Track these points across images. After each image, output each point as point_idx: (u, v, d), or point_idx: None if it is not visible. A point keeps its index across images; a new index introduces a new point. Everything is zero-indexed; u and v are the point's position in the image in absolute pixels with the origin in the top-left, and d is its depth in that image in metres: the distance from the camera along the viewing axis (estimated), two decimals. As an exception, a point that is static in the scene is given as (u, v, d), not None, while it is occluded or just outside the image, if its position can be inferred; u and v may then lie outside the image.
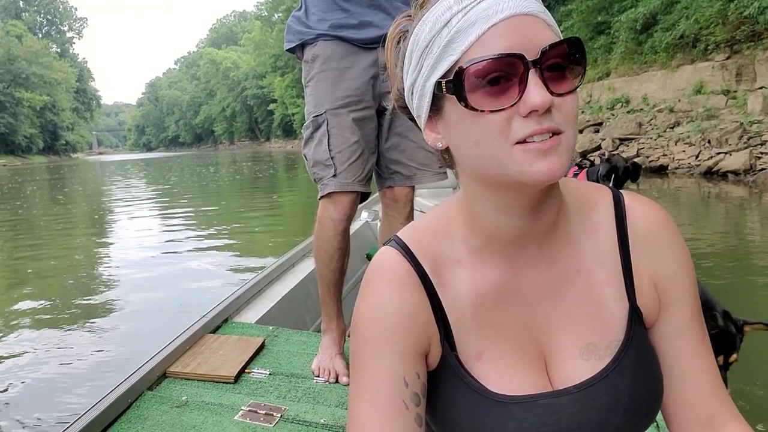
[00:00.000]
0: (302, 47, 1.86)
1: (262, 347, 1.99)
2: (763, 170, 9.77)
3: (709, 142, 11.37)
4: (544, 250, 0.67)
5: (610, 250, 0.69)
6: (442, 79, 0.58)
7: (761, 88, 12.11)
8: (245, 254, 6.65)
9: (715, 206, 8.30)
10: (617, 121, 14.79)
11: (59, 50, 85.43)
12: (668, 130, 13.15)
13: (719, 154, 10.86)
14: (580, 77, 0.58)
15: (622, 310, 0.68)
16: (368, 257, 3.51)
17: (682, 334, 0.69)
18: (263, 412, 1.56)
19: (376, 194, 2.14)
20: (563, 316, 0.68)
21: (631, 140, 13.75)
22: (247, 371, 1.83)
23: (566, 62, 0.57)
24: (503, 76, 0.55)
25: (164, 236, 8.19)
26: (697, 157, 11.36)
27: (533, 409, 0.64)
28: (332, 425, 1.51)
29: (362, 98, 1.81)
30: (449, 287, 0.68)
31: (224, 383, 1.75)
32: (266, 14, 72.91)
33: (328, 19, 1.79)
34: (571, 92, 0.57)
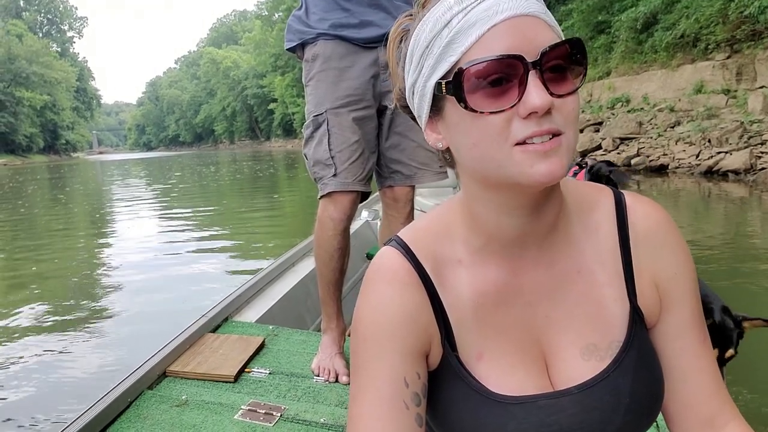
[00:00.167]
0: (302, 46, 1.86)
1: (262, 346, 1.99)
2: (763, 169, 9.76)
3: (709, 141, 11.37)
4: (544, 250, 0.67)
5: (610, 250, 0.69)
6: (442, 79, 0.58)
7: (761, 87, 12.10)
8: (245, 253, 6.65)
9: (715, 206, 8.29)
10: (617, 120, 14.79)
11: (59, 49, 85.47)
12: (668, 129, 13.14)
13: (719, 153, 10.85)
14: (581, 78, 0.58)
15: (622, 310, 0.68)
16: (368, 257, 3.51)
17: (683, 334, 0.69)
18: (263, 411, 1.56)
19: (376, 193, 2.14)
20: (564, 316, 0.68)
21: (631, 139, 13.74)
22: (247, 370, 1.83)
23: (567, 63, 0.56)
24: (503, 77, 0.55)
25: (164, 235, 8.20)
26: (697, 156, 11.35)
27: (533, 409, 0.64)
28: (332, 425, 1.51)
29: (362, 98, 1.81)
30: (450, 287, 0.68)
31: (224, 382, 1.75)
32: (266, 14, 72.93)
33: (328, 18, 1.78)
34: (571, 93, 0.56)
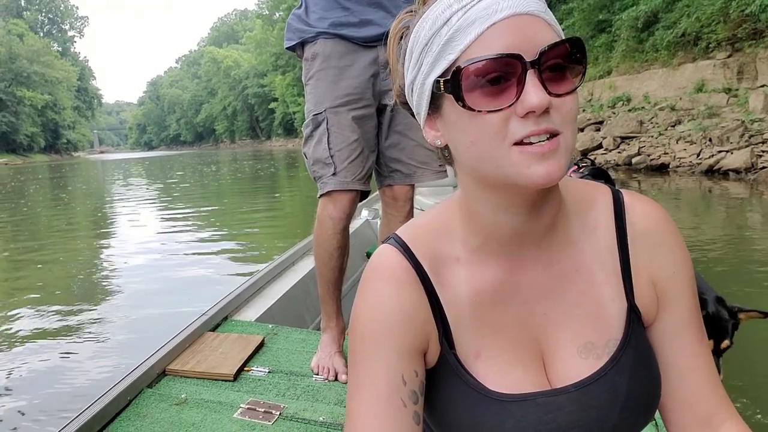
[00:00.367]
0: (302, 45, 1.86)
1: (261, 345, 1.99)
2: (764, 168, 9.76)
3: (710, 140, 11.36)
4: (542, 249, 0.67)
5: (608, 249, 0.69)
6: (440, 77, 0.58)
7: (762, 86, 12.09)
8: (246, 253, 6.65)
9: (716, 205, 8.28)
10: (618, 119, 14.78)
11: (60, 49, 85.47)
12: (669, 128, 13.13)
13: (720, 152, 10.85)
14: (580, 77, 0.57)
15: (620, 308, 0.67)
16: (368, 256, 3.51)
17: (680, 333, 0.69)
18: (262, 409, 1.56)
19: (377, 192, 2.14)
20: (562, 315, 0.68)
21: (632, 138, 13.74)
22: (246, 369, 1.83)
23: (566, 62, 0.56)
24: (501, 76, 0.54)
25: (165, 235, 8.20)
26: (698, 155, 11.35)
27: (531, 407, 0.64)
28: (331, 423, 1.51)
29: (362, 97, 1.80)
30: (448, 286, 0.68)
31: (223, 381, 1.75)
32: (267, 13, 72.95)
33: (328, 17, 1.78)
34: (570, 93, 0.56)
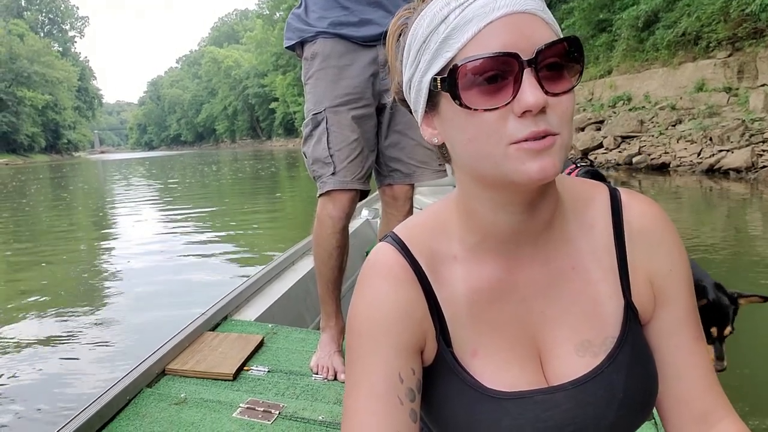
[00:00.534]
0: (302, 45, 1.86)
1: (261, 345, 1.99)
2: (764, 168, 9.75)
3: (710, 139, 11.36)
4: (539, 247, 0.67)
5: (605, 246, 0.69)
6: (437, 75, 0.58)
7: (763, 85, 12.09)
8: (246, 252, 6.66)
9: (717, 204, 8.28)
10: (619, 118, 14.77)
11: (61, 49, 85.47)
12: (670, 127, 13.13)
13: (721, 151, 10.85)
14: (577, 76, 0.57)
15: (617, 306, 0.67)
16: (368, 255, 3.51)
17: (677, 331, 0.69)
18: (261, 409, 1.57)
19: (376, 192, 2.15)
20: (559, 312, 0.68)
21: (632, 138, 13.74)
22: (245, 369, 1.83)
23: (563, 61, 0.56)
24: (498, 74, 0.54)
25: (165, 234, 8.21)
26: (698, 154, 11.35)
27: (528, 405, 0.64)
28: (330, 422, 1.51)
29: (362, 96, 1.80)
30: (445, 283, 0.68)
31: (223, 380, 1.75)
32: (268, 12, 72.95)
33: (327, 16, 1.78)
34: (567, 92, 0.56)
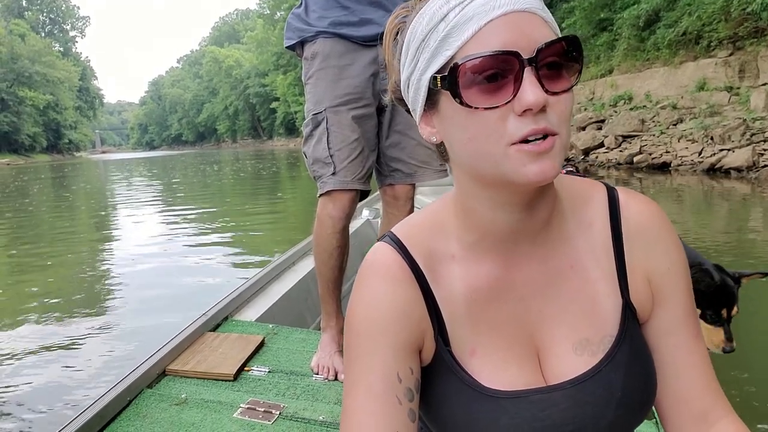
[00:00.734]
0: (302, 44, 1.86)
1: (261, 345, 1.99)
2: (765, 167, 9.74)
3: (711, 138, 11.34)
4: (537, 246, 0.67)
5: (604, 245, 0.69)
6: (437, 74, 0.58)
7: (764, 84, 12.07)
8: (246, 252, 6.66)
9: (718, 203, 8.27)
10: (620, 118, 14.76)
11: (62, 49, 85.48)
12: (671, 126, 13.12)
13: (722, 150, 10.83)
14: (576, 75, 0.58)
15: (615, 305, 0.68)
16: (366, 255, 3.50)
17: (675, 330, 0.69)
18: (262, 409, 1.57)
19: (377, 192, 2.14)
20: (557, 311, 0.68)
21: (633, 137, 13.72)
22: (246, 369, 1.83)
23: (563, 60, 0.56)
24: (498, 73, 0.54)
25: (166, 234, 8.20)
26: (699, 153, 11.33)
27: (526, 404, 0.64)
28: (330, 422, 1.51)
29: (362, 96, 1.80)
30: (443, 283, 0.68)
31: (223, 381, 1.75)
32: (268, 12, 72.88)
33: (327, 16, 1.78)
34: (566, 91, 0.56)
